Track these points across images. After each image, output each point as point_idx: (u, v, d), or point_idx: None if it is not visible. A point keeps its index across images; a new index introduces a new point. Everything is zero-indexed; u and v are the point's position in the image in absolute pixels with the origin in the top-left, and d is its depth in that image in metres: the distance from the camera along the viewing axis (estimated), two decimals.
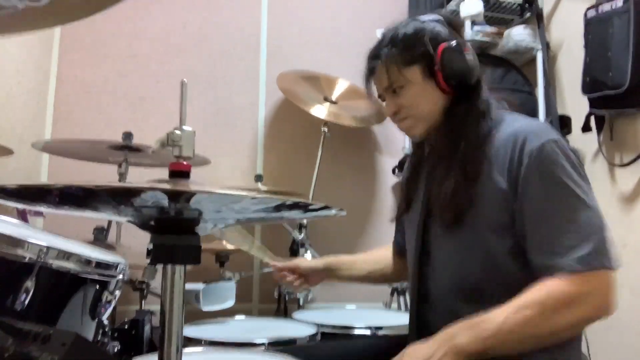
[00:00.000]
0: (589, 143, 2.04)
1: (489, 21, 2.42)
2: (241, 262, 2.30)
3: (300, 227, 2.14)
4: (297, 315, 1.75)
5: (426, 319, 1.09)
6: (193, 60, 2.50)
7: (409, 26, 1.08)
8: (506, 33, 2.34)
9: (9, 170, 1.94)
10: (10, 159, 1.68)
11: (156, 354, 0.67)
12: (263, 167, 2.52)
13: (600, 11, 1.90)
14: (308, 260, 1.42)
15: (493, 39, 2.36)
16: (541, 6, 2.31)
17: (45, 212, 1.95)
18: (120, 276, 1.28)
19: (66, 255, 1.12)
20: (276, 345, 1.30)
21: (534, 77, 2.29)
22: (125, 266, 1.29)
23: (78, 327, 1.17)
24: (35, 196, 0.62)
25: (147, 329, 1.58)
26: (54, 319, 1.12)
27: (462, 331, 0.90)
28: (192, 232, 0.65)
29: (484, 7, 2.21)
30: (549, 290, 0.88)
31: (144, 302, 1.65)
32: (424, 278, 1.10)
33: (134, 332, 1.51)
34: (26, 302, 1.03)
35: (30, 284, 1.03)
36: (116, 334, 1.45)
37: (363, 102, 2.17)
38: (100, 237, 1.79)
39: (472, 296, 1.00)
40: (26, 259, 1.05)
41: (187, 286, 1.51)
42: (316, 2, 2.73)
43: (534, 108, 2.24)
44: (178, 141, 0.66)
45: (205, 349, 1.28)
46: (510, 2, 2.34)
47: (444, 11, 2.26)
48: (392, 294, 2.19)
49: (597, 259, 0.87)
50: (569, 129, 2.16)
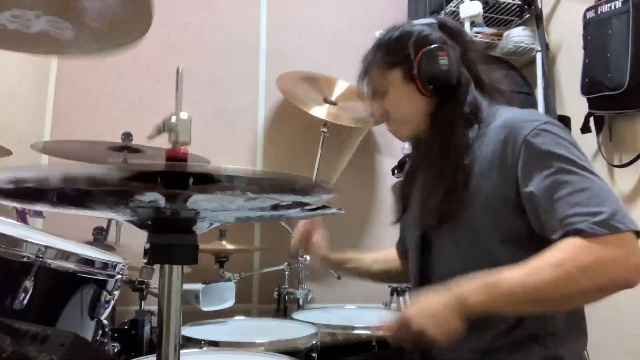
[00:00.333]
0: (588, 144, 2.04)
1: (488, 22, 2.43)
2: (241, 263, 2.31)
3: None
4: (297, 315, 1.75)
5: None
6: (192, 60, 2.49)
7: (397, 30, 1.10)
8: (505, 34, 2.34)
9: None
10: (9, 159, 1.68)
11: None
12: (263, 167, 2.52)
13: (599, 12, 1.90)
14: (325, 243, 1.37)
15: (492, 40, 2.37)
16: (540, 7, 2.31)
17: (44, 213, 1.95)
18: (119, 276, 1.28)
19: (65, 255, 1.12)
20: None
21: (533, 78, 2.29)
22: (124, 266, 1.29)
23: (77, 327, 1.17)
24: (32, 195, 0.62)
25: (147, 329, 1.58)
26: (52, 319, 1.12)
27: (476, 290, 0.87)
28: (190, 231, 0.65)
29: (483, 8, 2.21)
30: (571, 252, 0.84)
31: (143, 302, 1.65)
32: (427, 278, 1.10)
33: (133, 332, 1.51)
34: (25, 301, 1.03)
35: (29, 283, 1.04)
36: (116, 334, 1.45)
37: (362, 103, 2.16)
38: (99, 237, 1.79)
39: None
40: (25, 259, 1.05)
41: (187, 286, 1.52)
42: (316, 3, 2.73)
43: (534, 109, 2.24)
44: (174, 127, 0.65)
45: (205, 349, 1.28)
46: (509, 3, 2.34)
47: (443, 15, 2.27)
48: (392, 294, 2.19)
49: (620, 222, 0.84)
50: (568, 130, 2.16)
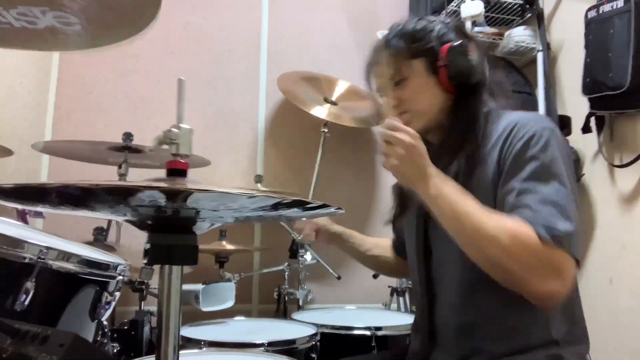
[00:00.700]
0: (589, 144, 2.04)
1: (489, 22, 2.42)
2: (241, 263, 2.31)
3: None
4: (297, 316, 1.75)
5: (434, 316, 1.10)
6: (193, 60, 2.50)
7: (418, 22, 1.11)
8: (507, 34, 2.34)
9: (8, 171, 1.94)
10: (10, 159, 1.68)
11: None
12: (263, 168, 2.52)
13: (600, 12, 1.90)
14: (329, 222, 1.43)
15: (493, 39, 2.36)
16: (542, 7, 2.31)
17: (44, 213, 1.95)
18: (120, 277, 1.28)
19: (66, 255, 1.12)
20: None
21: (534, 77, 2.28)
22: (125, 267, 1.29)
23: (78, 327, 1.17)
24: (32, 196, 0.62)
25: (147, 329, 1.58)
26: (53, 319, 1.12)
27: (453, 190, 0.93)
28: (190, 232, 0.65)
29: (485, 8, 2.20)
30: (529, 236, 0.86)
31: (143, 302, 1.65)
32: (429, 277, 1.11)
33: (133, 332, 1.51)
34: (26, 302, 1.03)
35: (30, 284, 1.04)
36: (115, 335, 1.45)
37: (363, 103, 2.16)
38: (99, 237, 1.79)
39: (477, 289, 1.00)
40: (26, 260, 1.05)
41: (187, 287, 1.52)
42: (316, 3, 2.73)
43: (534, 109, 2.23)
44: (175, 139, 0.65)
45: (205, 350, 1.28)
46: (510, 3, 2.34)
47: (444, 15, 2.27)
48: (391, 295, 2.19)
49: (570, 243, 0.86)
50: (569, 130, 2.15)
